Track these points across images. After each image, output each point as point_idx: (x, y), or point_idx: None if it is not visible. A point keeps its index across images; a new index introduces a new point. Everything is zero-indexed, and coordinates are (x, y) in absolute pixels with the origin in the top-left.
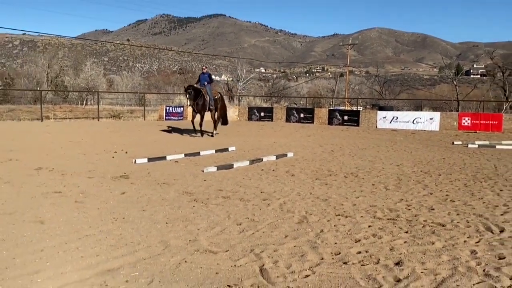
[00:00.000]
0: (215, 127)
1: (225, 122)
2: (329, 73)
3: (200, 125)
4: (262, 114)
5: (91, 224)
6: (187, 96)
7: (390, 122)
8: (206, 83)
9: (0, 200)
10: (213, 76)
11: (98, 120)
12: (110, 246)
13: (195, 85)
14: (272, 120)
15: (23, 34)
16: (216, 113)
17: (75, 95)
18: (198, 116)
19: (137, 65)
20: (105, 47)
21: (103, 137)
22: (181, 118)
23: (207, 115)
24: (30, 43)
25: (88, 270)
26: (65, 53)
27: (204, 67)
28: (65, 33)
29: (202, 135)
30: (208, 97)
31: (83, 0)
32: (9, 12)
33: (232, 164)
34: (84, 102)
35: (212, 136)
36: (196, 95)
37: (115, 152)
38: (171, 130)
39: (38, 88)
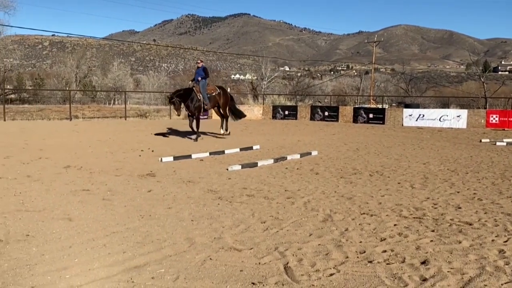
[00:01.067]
0: (222, 126)
1: (238, 115)
2: (354, 71)
3: (196, 127)
4: (286, 112)
5: (118, 221)
6: (173, 106)
7: (416, 120)
8: (200, 78)
9: (30, 198)
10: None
11: (125, 119)
12: (137, 243)
13: (182, 89)
14: (296, 119)
15: (53, 35)
16: (221, 110)
17: (103, 95)
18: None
19: (163, 65)
20: (132, 47)
21: (130, 136)
22: (206, 117)
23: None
24: (59, 44)
25: (115, 267)
26: (93, 54)
27: (199, 61)
28: (93, 34)
29: (197, 139)
30: (200, 95)
31: (111, 1)
32: (39, 14)
33: (257, 163)
34: (112, 102)
35: (223, 135)
36: (185, 98)
37: (142, 150)
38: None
39: (67, 88)
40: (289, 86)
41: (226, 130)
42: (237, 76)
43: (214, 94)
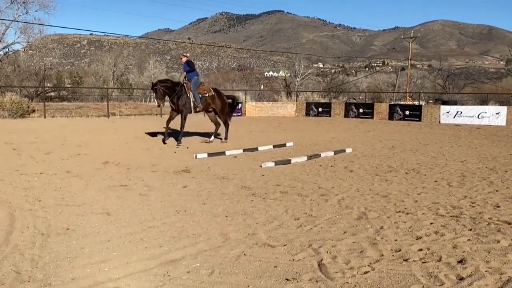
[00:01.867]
0: (214, 134)
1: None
2: (389, 67)
3: (181, 127)
4: (320, 109)
5: (155, 216)
6: (155, 95)
7: (454, 117)
8: (186, 73)
9: (70, 193)
10: (195, 64)
11: (161, 116)
12: (173, 238)
13: (170, 80)
14: (330, 116)
15: (90, 34)
16: (218, 115)
17: (139, 93)
18: (176, 116)
19: (197, 62)
20: (167, 45)
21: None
22: (239, 114)
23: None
24: (97, 43)
25: (151, 261)
26: (130, 52)
27: (182, 56)
28: (129, 32)
29: (165, 141)
30: (191, 93)
31: (147, 0)
32: (77, 13)
33: (290, 160)
34: (148, 99)
35: (214, 140)
36: (171, 91)
37: (177, 147)
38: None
39: (105, 86)
40: (323, 83)
41: (226, 138)
42: (270, 73)
43: (206, 95)
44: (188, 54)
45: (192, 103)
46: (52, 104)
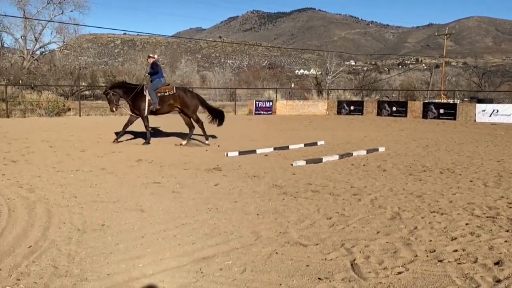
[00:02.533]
0: (188, 137)
1: (220, 118)
2: (423, 65)
3: (145, 127)
4: (352, 107)
5: (187, 213)
6: (107, 100)
7: (490, 116)
8: (150, 75)
9: (105, 189)
10: (159, 65)
11: None
12: (205, 235)
13: (128, 83)
14: (362, 114)
15: (124, 34)
16: (188, 115)
17: None
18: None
19: (228, 61)
20: (198, 44)
21: (197, 131)
22: (270, 112)
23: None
24: (130, 42)
25: (184, 257)
26: (162, 51)
27: (149, 56)
28: (161, 32)
29: (118, 139)
30: (147, 92)
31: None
32: (111, 13)
33: (321, 158)
34: None
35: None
36: (128, 93)
37: (208, 145)
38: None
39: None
40: (354, 81)
41: (207, 139)
42: (301, 71)
43: (167, 93)
44: (155, 56)
45: (147, 103)
46: (86, 103)
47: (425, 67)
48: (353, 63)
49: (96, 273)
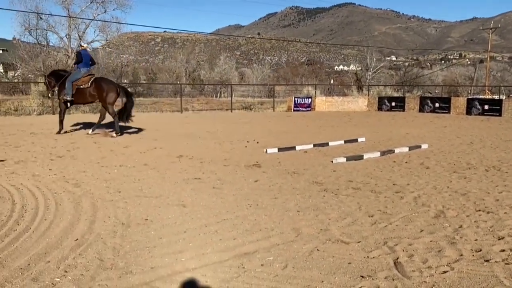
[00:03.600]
0: (97, 124)
1: (127, 118)
2: (467, 60)
3: (61, 120)
4: (393, 104)
5: (228, 209)
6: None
7: None
8: (75, 64)
9: (147, 185)
10: (84, 53)
11: (232, 111)
12: (246, 231)
13: (61, 70)
14: (403, 110)
15: (164, 32)
16: (104, 106)
17: (210, 88)
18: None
19: (266, 57)
20: (237, 41)
21: (236, 128)
22: (309, 109)
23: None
24: (170, 40)
25: (226, 252)
26: (201, 49)
27: (80, 45)
28: (201, 29)
29: (60, 130)
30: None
31: None
32: (151, 12)
33: (362, 155)
34: (218, 95)
35: (90, 132)
36: (54, 83)
37: (248, 142)
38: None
39: (178, 82)
40: (395, 77)
41: (116, 132)
42: (341, 67)
43: (82, 86)
44: (84, 44)
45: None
46: None
47: (469, 62)
48: (394, 58)
49: (140, 267)
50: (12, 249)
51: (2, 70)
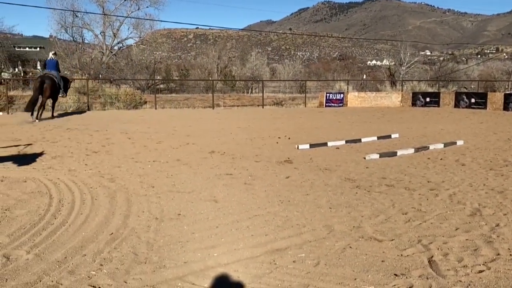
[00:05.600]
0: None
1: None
2: (504, 54)
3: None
4: (428, 99)
5: (259, 205)
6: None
7: None
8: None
9: (180, 180)
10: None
11: (263, 107)
12: (277, 227)
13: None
14: (438, 106)
15: (196, 28)
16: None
17: (242, 84)
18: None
19: (298, 53)
20: (268, 37)
21: (268, 124)
22: (341, 105)
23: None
24: (202, 37)
25: (258, 248)
26: (233, 45)
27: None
28: (232, 25)
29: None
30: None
31: None
32: (184, 9)
33: (396, 152)
34: (250, 91)
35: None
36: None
37: (279, 138)
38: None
39: (210, 78)
40: (430, 72)
41: (37, 117)
42: (374, 62)
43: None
44: (50, 54)
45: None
46: (162, 96)
47: (506, 57)
48: (428, 53)
49: (173, 261)
50: (49, 242)
51: (39, 67)
